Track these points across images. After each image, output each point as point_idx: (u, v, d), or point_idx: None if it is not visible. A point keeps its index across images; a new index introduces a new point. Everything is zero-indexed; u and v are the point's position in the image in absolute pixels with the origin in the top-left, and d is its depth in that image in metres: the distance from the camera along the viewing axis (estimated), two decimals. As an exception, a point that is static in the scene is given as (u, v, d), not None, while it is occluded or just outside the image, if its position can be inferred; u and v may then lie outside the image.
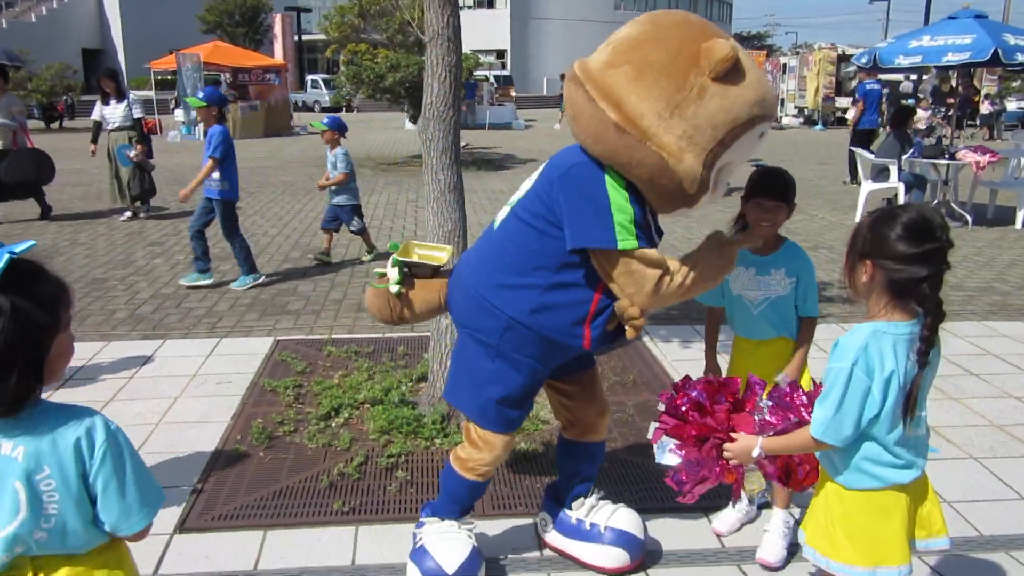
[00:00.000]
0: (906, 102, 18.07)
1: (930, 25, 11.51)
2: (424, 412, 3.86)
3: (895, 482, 1.86)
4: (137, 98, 9.57)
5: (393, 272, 2.58)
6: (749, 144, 2.28)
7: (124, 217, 9.40)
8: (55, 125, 25.87)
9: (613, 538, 2.68)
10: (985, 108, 25.48)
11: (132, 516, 1.55)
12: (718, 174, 2.28)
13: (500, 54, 45.00)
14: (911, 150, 9.73)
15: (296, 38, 40.32)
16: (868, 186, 9.77)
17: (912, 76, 25.05)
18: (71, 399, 3.82)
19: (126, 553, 1.66)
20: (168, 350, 4.96)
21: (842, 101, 27.27)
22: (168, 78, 25.16)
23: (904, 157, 9.64)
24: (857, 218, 9.56)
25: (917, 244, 1.77)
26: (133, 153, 8.98)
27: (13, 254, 1.40)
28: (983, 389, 4.44)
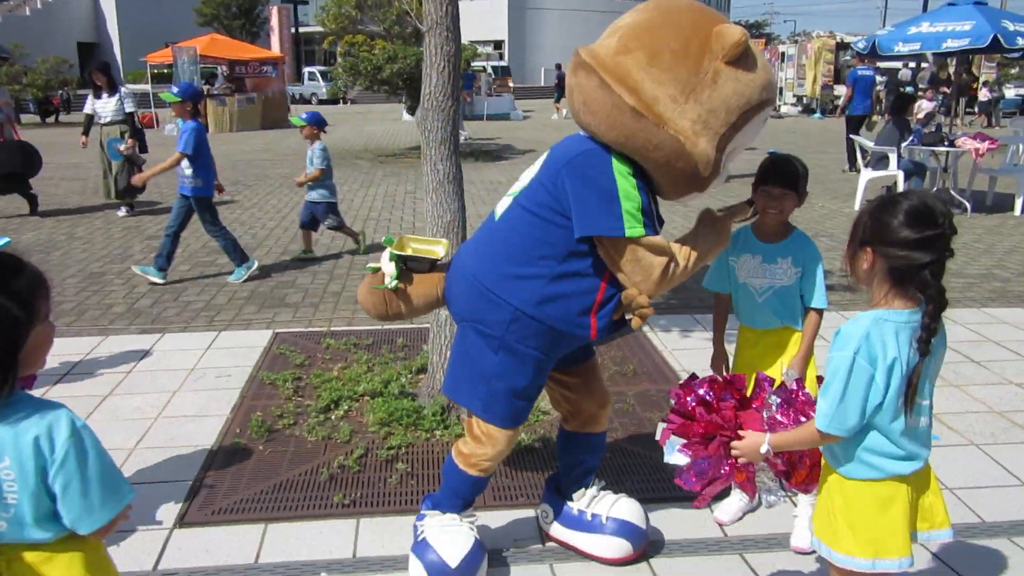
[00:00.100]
0: (905, 90, 18.02)
1: (929, 12, 11.47)
2: (424, 404, 3.85)
3: (895, 473, 1.84)
4: (129, 92, 9.43)
5: (390, 267, 2.54)
6: (756, 128, 2.30)
7: (122, 213, 9.30)
8: (51, 119, 25.76)
9: (615, 528, 2.67)
10: (983, 95, 25.43)
11: (93, 514, 1.54)
12: (726, 158, 2.30)
13: (498, 45, 44.84)
14: (910, 137, 9.70)
15: (293, 30, 40.16)
16: (867, 174, 9.75)
17: (911, 64, 25.00)
18: (69, 394, 3.83)
19: (94, 542, 1.64)
20: (166, 344, 4.94)
21: (840, 89, 27.23)
22: (164, 71, 25.01)
23: (903, 145, 9.62)
24: (857, 206, 9.54)
25: (917, 230, 1.75)
26: (123, 147, 8.80)
27: None
28: (983, 376, 4.44)
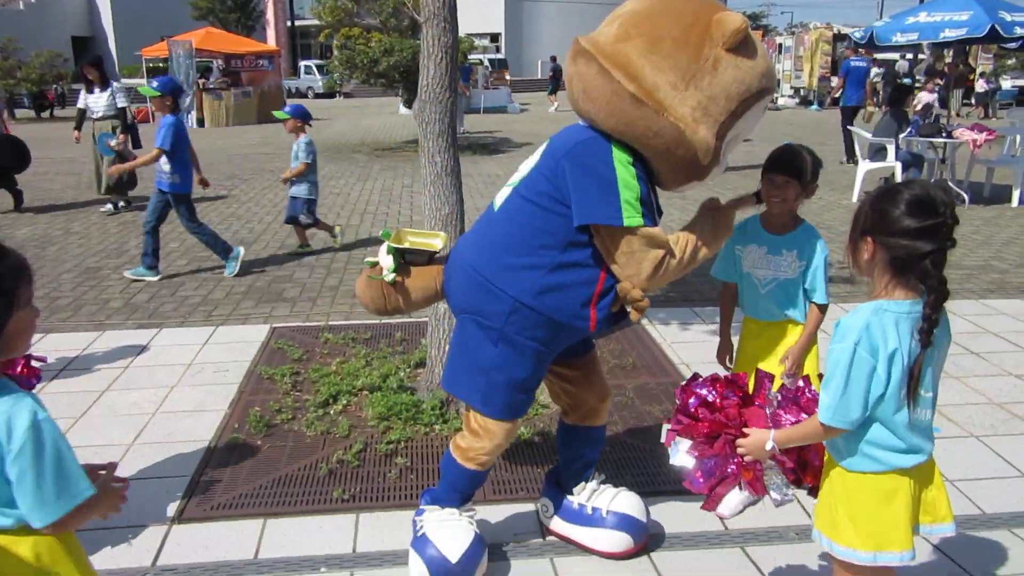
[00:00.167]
0: (902, 81, 18.00)
1: (927, 2, 11.44)
2: (423, 398, 3.84)
3: (897, 466, 1.83)
4: (121, 87, 9.31)
5: (388, 260, 2.51)
6: (755, 117, 2.29)
7: (105, 209, 9.04)
8: (45, 114, 25.64)
9: (615, 522, 2.66)
10: (980, 86, 25.42)
11: (46, 507, 1.53)
12: (726, 147, 2.28)
13: (494, 37, 44.71)
14: (908, 129, 9.69)
15: (289, 23, 40.04)
16: (865, 165, 9.74)
17: (908, 55, 24.97)
18: (66, 389, 3.81)
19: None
20: (164, 339, 4.92)
21: (837, 81, 27.26)
22: (160, 65, 24.91)
23: (901, 136, 9.60)
24: (855, 198, 9.53)
25: (918, 220, 1.73)
26: (114, 142, 8.61)
27: None
28: (982, 367, 4.43)
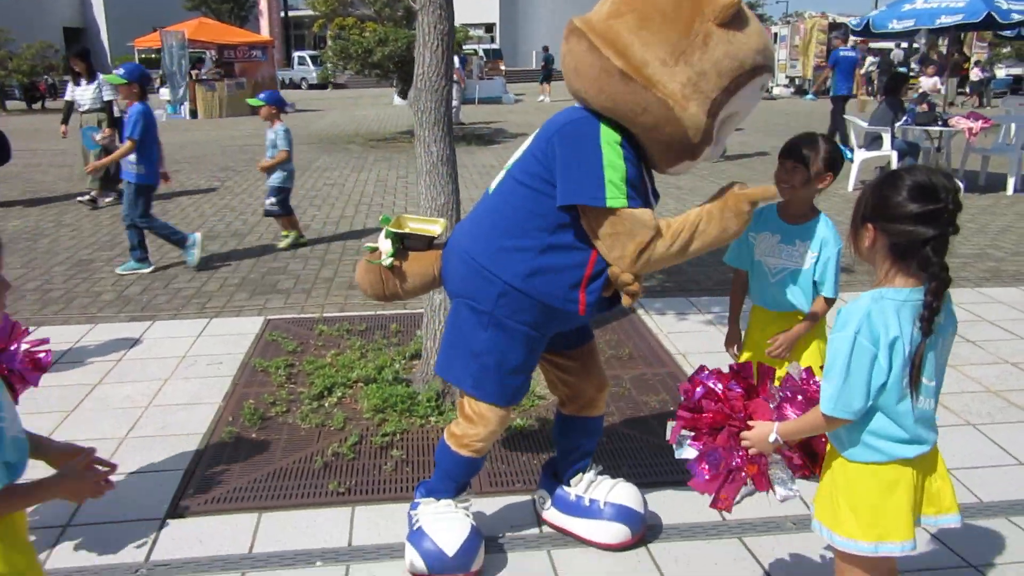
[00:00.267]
0: (897, 70, 17.98)
1: (923, -10, 11.42)
2: (418, 390, 3.81)
3: (900, 456, 1.81)
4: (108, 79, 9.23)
5: (386, 244, 2.51)
6: (751, 96, 2.25)
7: (83, 199, 8.85)
8: (37, 105, 25.48)
9: (613, 513, 2.65)
10: (975, 75, 25.41)
11: None
12: (720, 126, 2.24)
13: (489, 28, 44.53)
14: (904, 117, 9.67)
15: (282, 14, 39.80)
16: (861, 154, 9.72)
17: (903, 44, 24.93)
18: (58, 383, 3.77)
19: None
20: (157, 331, 4.89)
21: (825, 71, 27.30)
22: (153, 56, 24.76)
23: (897, 124, 9.58)
24: (850, 187, 9.52)
25: (919, 205, 1.71)
26: (100, 136, 8.50)
27: None
28: (979, 356, 4.42)
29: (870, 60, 28.25)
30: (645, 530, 2.73)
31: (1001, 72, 29.52)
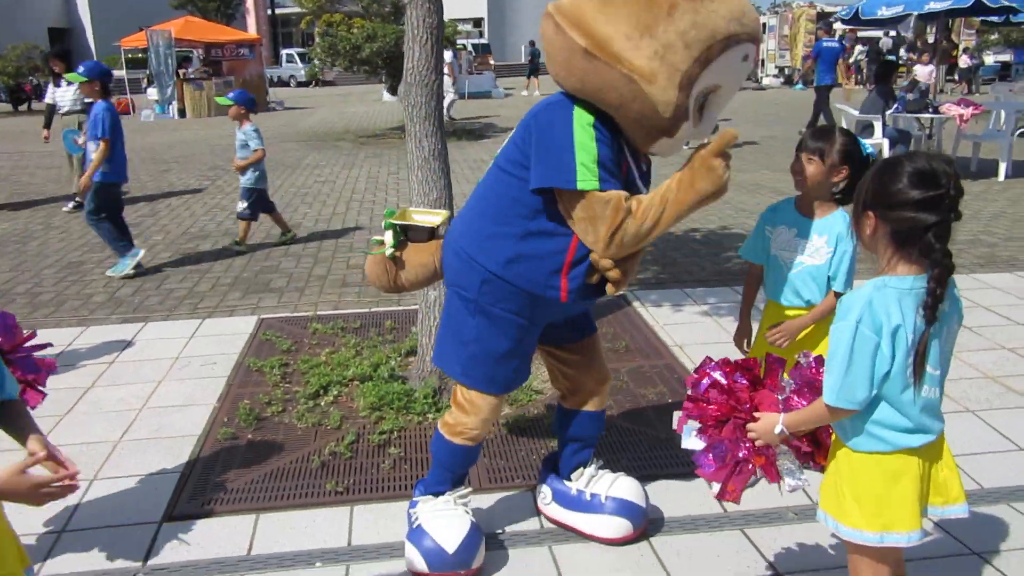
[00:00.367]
0: (887, 57, 18.02)
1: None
2: (415, 387, 3.78)
3: (904, 446, 1.79)
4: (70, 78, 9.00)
5: (388, 235, 2.55)
6: (732, 68, 2.11)
7: (67, 208, 8.62)
8: (23, 107, 25.28)
9: (615, 508, 2.63)
10: (964, 62, 25.47)
11: None
12: (700, 102, 2.14)
13: (477, 23, 44.40)
14: (895, 105, 9.67)
15: (269, 11, 39.59)
16: (852, 143, 9.71)
17: (891, 32, 24.97)
18: (50, 385, 3.72)
19: None
20: (149, 333, 4.85)
21: (808, 62, 27.39)
22: (139, 56, 24.59)
23: (888, 112, 9.59)
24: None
25: (920, 191, 1.68)
26: (81, 139, 8.04)
27: None
28: (976, 342, 4.42)
29: (859, 49, 28.30)
30: (647, 524, 2.71)
31: (989, 59, 29.60)
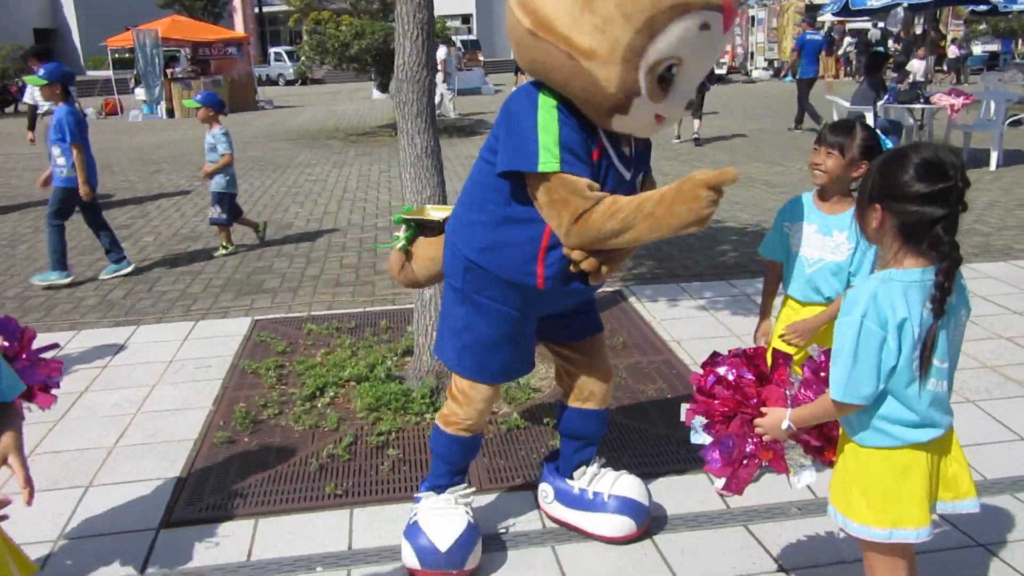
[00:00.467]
0: (876, 49, 18.04)
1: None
2: (412, 387, 3.75)
3: (912, 441, 1.77)
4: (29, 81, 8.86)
5: (400, 230, 2.62)
6: (689, 39, 1.97)
7: None
8: (9, 109, 25.05)
9: (618, 506, 2.60)
10: (952, 52, 25.53)
11: None
12: (665, 76, 2.02)
13: (466, 19, 44.28)
14: (886, 96, 9.68)
15: (256, 10, 39.38)
16: (844, 134, 9.70)
17: (880, 24, 24.99)
18: (41, 394, 3.63)
19: None
20: (142, 336, 4.80)
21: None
22: (126, 56, 24.41)
23: (879, 103, 9.59)
24: (834, 167, 9.51)
25: (928, 184, 1.66)
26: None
27: None
28: (973, 331, 4.41)
29: (848, 40, 28.35)
30: (650, 522, 2.69)
31: (977, 49, 29.70)
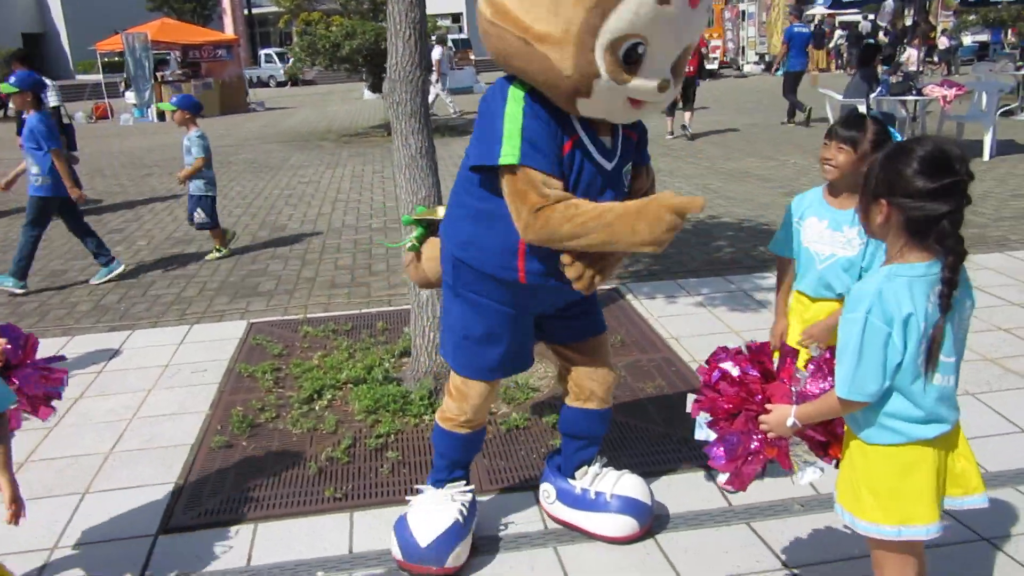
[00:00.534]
0: (869, 41, 18.08)
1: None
2: (410, 388, 3.73)
3: (918, 437, 1.75)
4: (53, 84, 8.67)
5: (409, 231, 2.67)
6: (647, 15, 1.89)
7: None
8: (0, 114, 24.92)
9: (620, 506, 2.58)
10: (942, 43, 25.57)
11: None
12: (617, 56, 1.94)
13: (456, 17, 44.20)
14: (879, 88, 9.68)
15: (246, 11, 39.22)
16: (837, 128, 9.70)
17: (870, 16, 25.02)
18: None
19: None
20: (137, 341, 4.76)
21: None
22: (116, 60, 24.33)
23: (872, 96, 9.59)
24: (828, 161, 9.51)
25: (934, 179, 1.65)
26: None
27: None
28: (971, 324, 4.38)
29: (839, 33, 28.38)
30: (652, 521, 2.67)
31: (967, 39, 29.75)
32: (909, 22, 16.38)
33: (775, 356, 2.05)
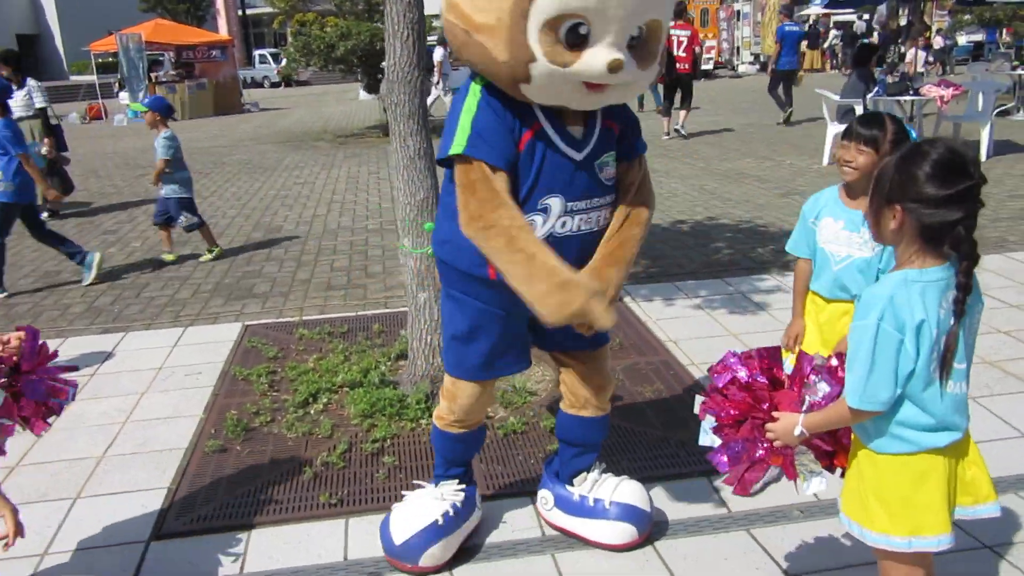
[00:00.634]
0: (864, 41, 18.08)
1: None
2: (407, 392, 3.69)
3: (930, 446, 1.72)
4: (39, 85, 8.52)
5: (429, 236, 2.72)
6: None
7: (41, 217, 8.35)
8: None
9: (619, 513, 2.55)
10: (937, 43, 25.62)
11: None
12: (554, 37, 1.91)
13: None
14: (875, 88, 9.67)
15: (240, 12, 39.14)
16: (834, 128, 9.69)
17: (864, 16, 25.08)
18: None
19: None
20: (130, 343, 4.72)
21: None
22: (110, 60, 24.24)
23: (868, 96, 9.58)
24: (825, 161, 9.50)
25: (950, 184, 1.62)
26: (44, 149, 7.92)
27: None
28: (970, 327, 4.38)
29: (833, 33, 28.42)
30: (651, 529, 2.64)
31: (962, 39, 29.81)
32: (904, 22, 16.41)
33: (790, 359, 2.02)
